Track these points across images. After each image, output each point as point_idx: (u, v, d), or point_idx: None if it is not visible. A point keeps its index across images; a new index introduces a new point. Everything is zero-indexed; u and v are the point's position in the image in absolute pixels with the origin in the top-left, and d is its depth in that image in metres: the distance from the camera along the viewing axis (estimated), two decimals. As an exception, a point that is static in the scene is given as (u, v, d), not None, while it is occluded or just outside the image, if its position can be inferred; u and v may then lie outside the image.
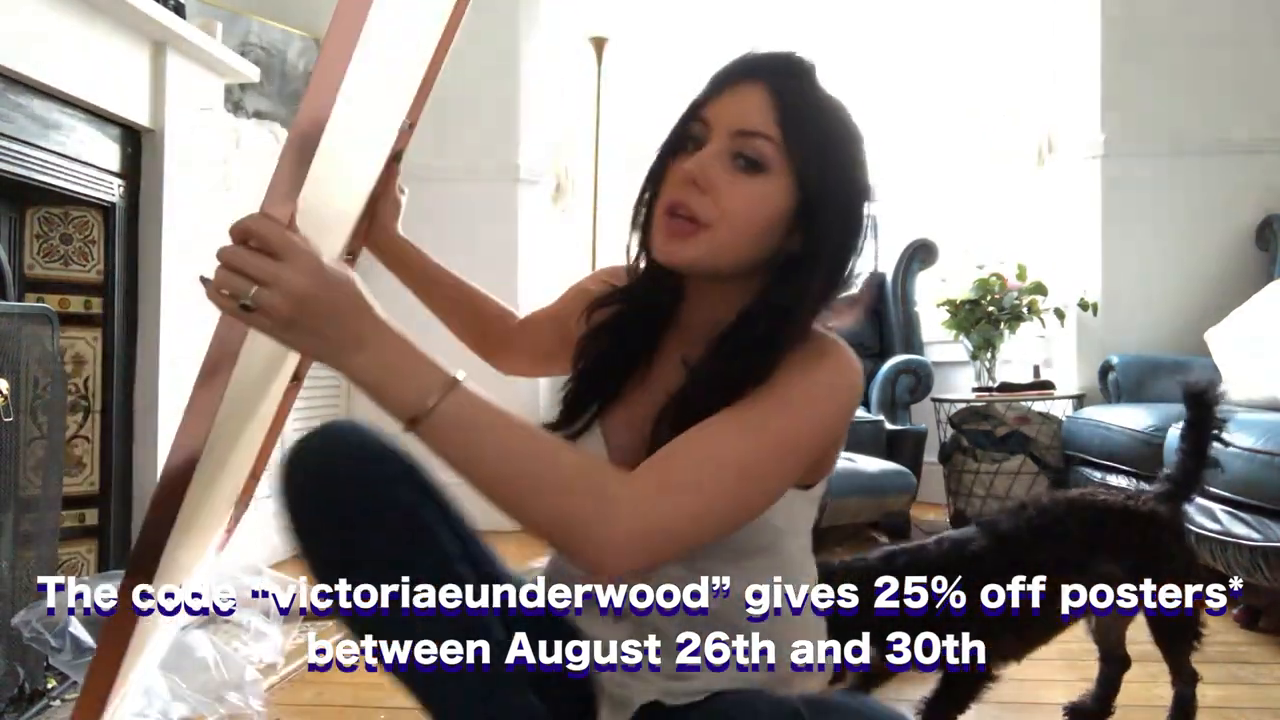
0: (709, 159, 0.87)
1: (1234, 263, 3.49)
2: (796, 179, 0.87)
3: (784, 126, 0.87)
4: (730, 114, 0.88)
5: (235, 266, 0.71)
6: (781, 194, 0.87)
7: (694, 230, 0.87)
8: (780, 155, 0.87)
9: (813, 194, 0.87)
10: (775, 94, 0.88)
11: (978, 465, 3.37)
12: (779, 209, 0.87)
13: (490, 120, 3.74)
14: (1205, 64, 3.52)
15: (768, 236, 0.88)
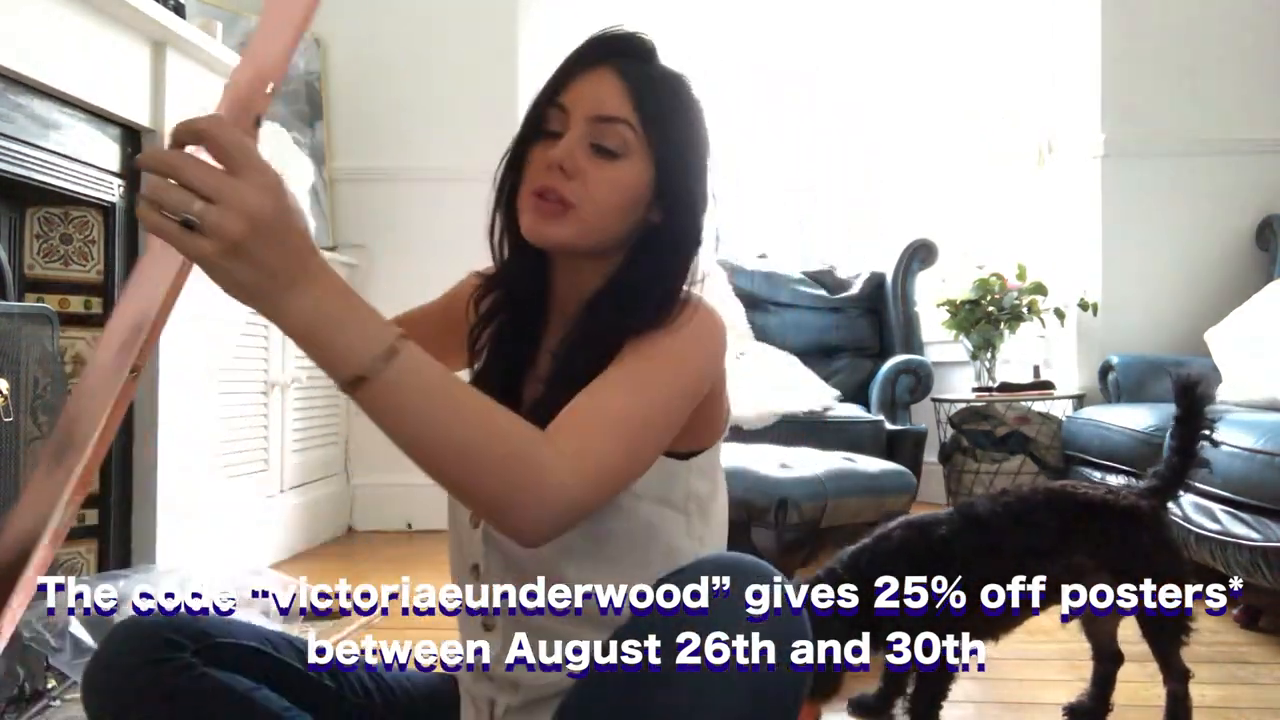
0: (573, 145, 0.90)
1: (1234, 263, 3.49)
2: (653, 159, 0.92)
3: (639, 110, 0.91)
4: (587, 100, 0.92)
5: (183, 178, 0.61)
6: (640, 174, 0.92)
7: (563, 211, 0.90)
8: (637, 138, 0.91)
9: (668, 171, 0.92)
10: (626, 77, 0.92)
11: (978, 465, 3.37)
12: (639, 188, 0.92)
13: (490, 120, 3.74)
14: (1205, 64, 3.52)
15: (630, 214, 0.92)
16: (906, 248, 3.88)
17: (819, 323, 3.94)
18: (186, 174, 0.61)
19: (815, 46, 4.37)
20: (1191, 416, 1.58)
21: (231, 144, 0.62)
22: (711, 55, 4.36)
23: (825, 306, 3.98)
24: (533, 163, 0.92)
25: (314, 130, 3.68)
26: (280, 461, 3.07)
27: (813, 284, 4.04)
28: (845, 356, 3.90)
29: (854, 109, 4.38)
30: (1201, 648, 1.83)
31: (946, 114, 4.25)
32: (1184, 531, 2.31)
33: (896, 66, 4.29)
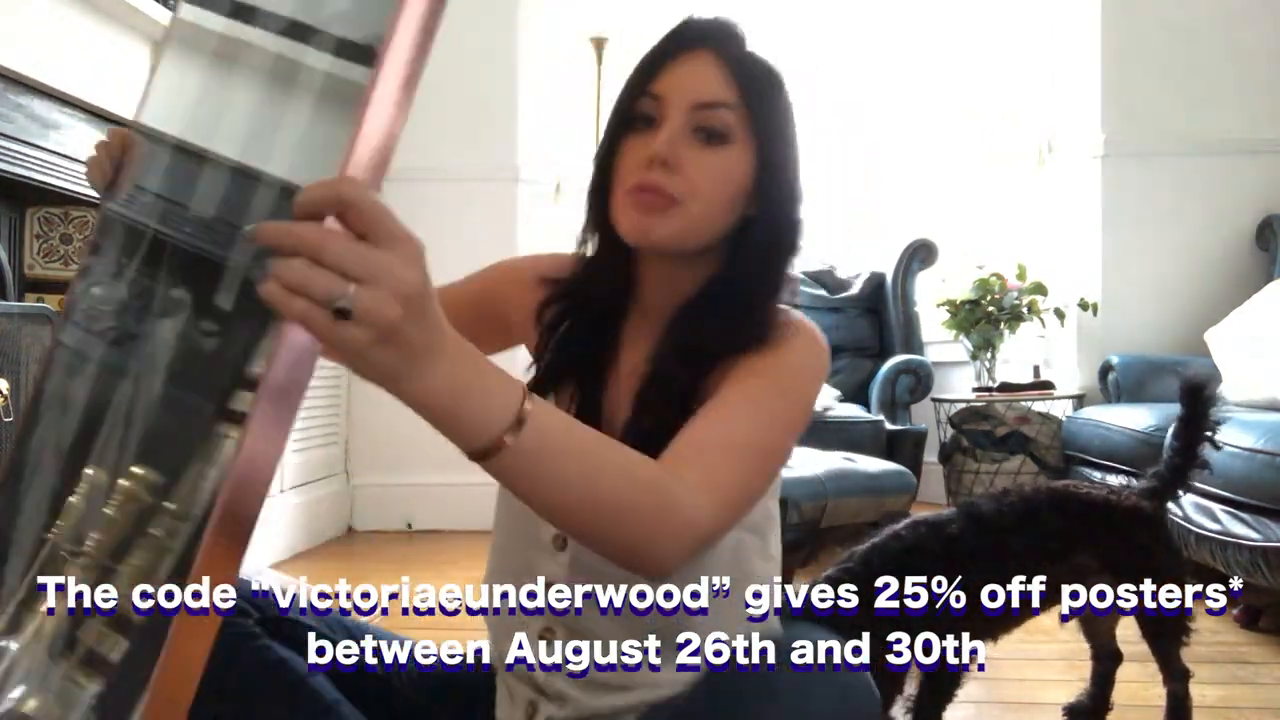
0: (675, 136, 0.85)
1: (1234, 263, 3.49)
2: (755, 145, 0.87)
3: (744, 93, 0.86)
4: (685, 86, 0.86)
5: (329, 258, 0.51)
6: (745, 163, 0.87)
7: (667, 205, 0.85)
8: (741, 124, 0.86)
9: (768, 159, 0.87)
10: (727, 61, 0.87)
11: (978, 465, 3.37)
12: (744, 178, 0.87)
13: (490, 120, 3.74)
14: (1205, 64, 3.52)
15: (736, 206, 0.88)
16: (906, 248, 3.88)
17: (819, 323, 3.90)
18: (332, 253, 0.51)
19: (815, 46, 4.37)
20: (1196, 418, 1.58)
21: (376, 211, 0.54)
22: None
23: (825, 306, 3.98)
24: (626, 157, 0.87)
25: (314, 130, 3.68)
26: (280, 461, 3.06)
27: (813, 284, 4.04)
28: (845, 356, 3.90)
29: (854, 109, 4.38)
30: (1201, 648, 1.82)
31: (946, 114, 4.25)
32: (1184, 531, 2.31)
33: (896, 66, 4.29)
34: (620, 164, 0.87)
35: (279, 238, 0.51)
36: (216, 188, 0.70)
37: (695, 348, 0.86)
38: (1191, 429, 1.58)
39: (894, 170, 4.34)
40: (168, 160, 0.78)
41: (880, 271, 4.00)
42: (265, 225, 0.52)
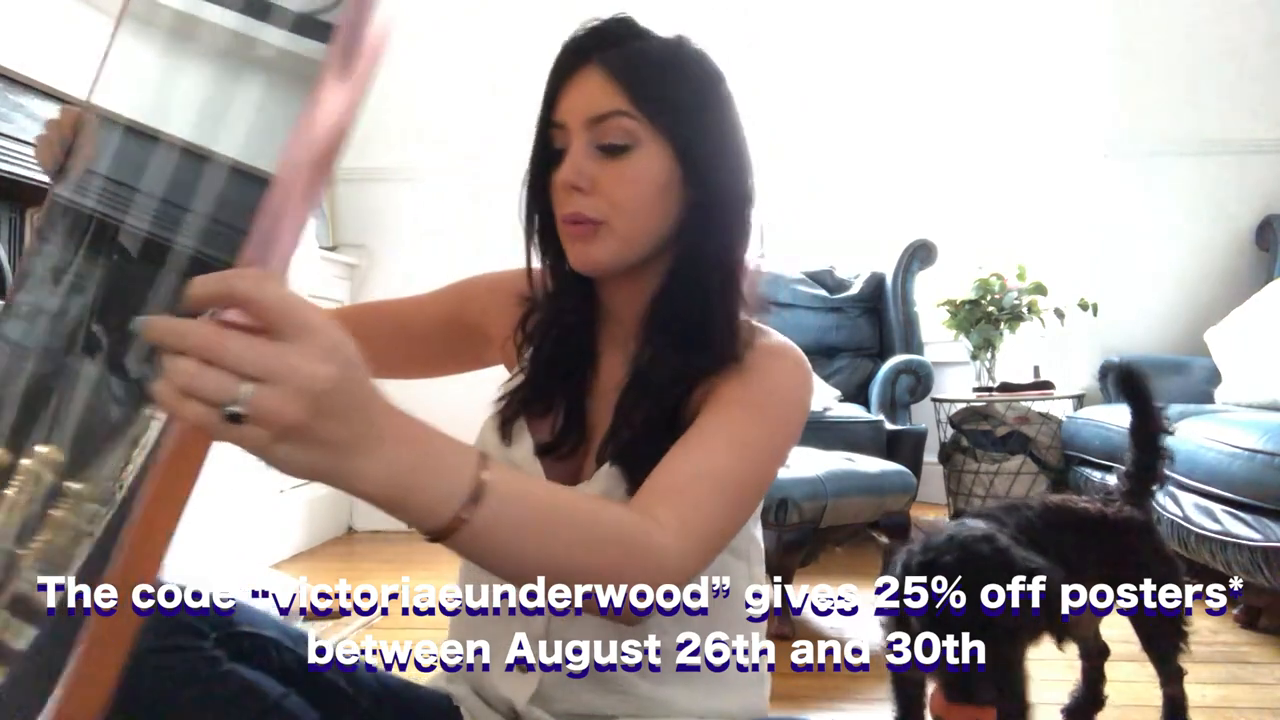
0: (579, 159, 0.85)
1: (1234, 263, 3.49)
2: (666, 139, 0.85)
3: (632, 94, 0.84)
4: (577, 106, 0.86)
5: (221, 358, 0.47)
6: (657, 158, 0.85)
7: (594, 230, 0.85)
8: (640, 125, 0.84)
9: (686, 147, 0.86)
10: (609, 67, 0.85)
11: (978, 465, 3.37)
12: (662, 176, 0.86)
13: (490, 120, 3.74)
14: (1205, 64, 3.52)
15: (663, 205, 0.86)
16: (906, 248, 3.88)
17: (819, 323, 3.94)
18: (225, 353, 0.47)
19: (815, 47, 4.37)
20: (1141, 408, 1.53)
21: (277, 303, 0.48)
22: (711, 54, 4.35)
23: (825, 306, 3.98)
24: (554, 190, 0.88)
25: (314, 130, 3.68)
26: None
27: (813, 284, 4.04)
28: (845, 356, 3.90)
29: (854, 109, 4.38)
30: (1201, 648, 1.83)
31: (947, 114, 4.25)
32: (1184, 531, 2.31)
33: (897, 66, 4.29)
34: (553, 196, 0.88)
35: (165, 336, 0.47)
36: (166, 170, 0.68)
37: (664, 360, 0.86)
38: (1142, 420, 1.54)
39: (894, 170, 4.34)
40: (118, 142, 0.75)
41: (880, 271, 4.00)
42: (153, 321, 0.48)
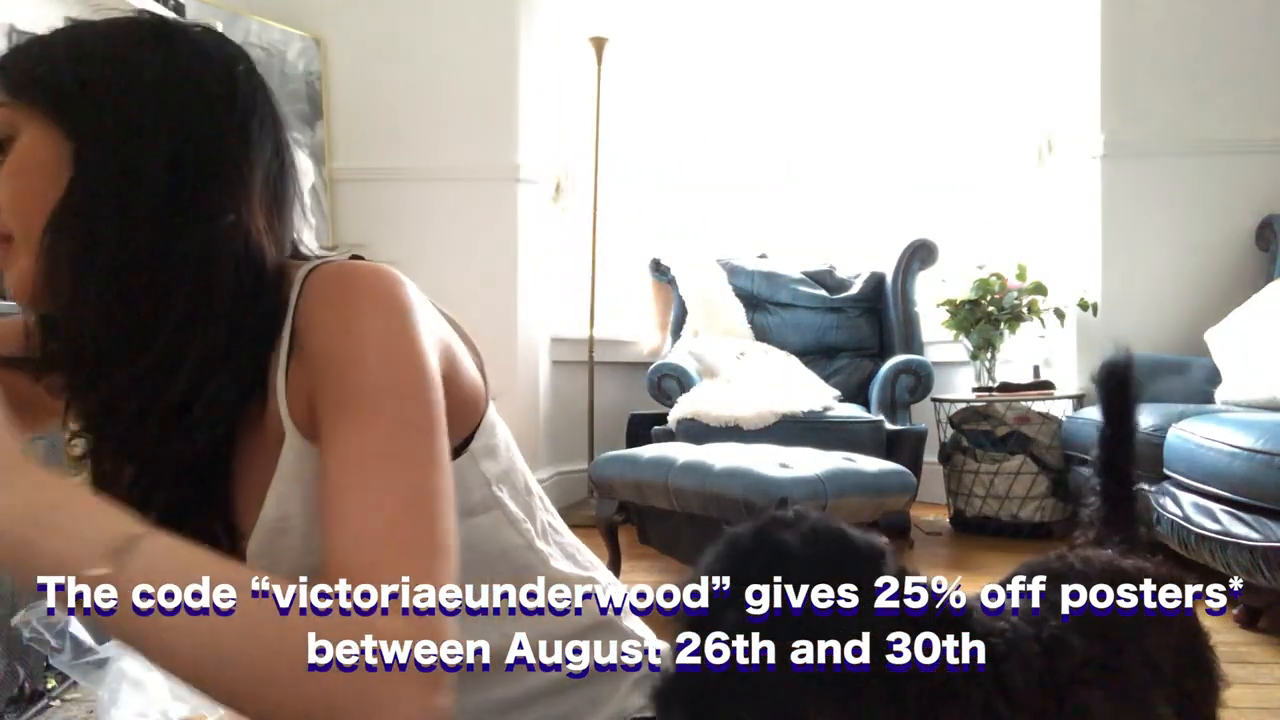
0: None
1: (1234, 263, 3.49)
2: (43, 115, 0.69)
3: (2, 82, 0.71)
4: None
5: None
6: (40, 142, 0.69)
7: (8, 249, 0.71)
8: (13, 110, 0.70)
9: (66, 115, 0.69)
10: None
11: (978, 465, 3.37)
12: (43, 154, 0.69)
13: (490, 120, 3.74)
14: (1205, 64, 3.52)
15: (55, 192, 0.69)
16: (906, 248, 3.88)
17: (819, 323, 3.94)
18: None
19: (815, 47, 4.37)
20: (1128, 408, 1.06)
21: None
22: (712, 54, 4.36)
23: (825, 306, 3.98)
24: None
25: (314, 130, 3.68)
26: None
27: (813, 284, 4.04)
28: (845, 356, 3.90)
29: (854, 108, 4.38)
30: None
31: (947, 114, 4.25)
32: (1184, 531, 2.31)
33: (897, 66, 4.29)
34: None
35: None
36: None
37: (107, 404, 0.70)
38: (1120, 425, 1.06)
39: (894, 170, 4.34)
40: None
41: (880, 271, 4.00)
42: None
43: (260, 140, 0.74)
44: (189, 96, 0.71)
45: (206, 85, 0.72)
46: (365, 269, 0.69)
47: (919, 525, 3.45)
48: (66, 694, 1.68)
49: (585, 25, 3.94)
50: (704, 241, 4.34)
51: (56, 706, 1.65)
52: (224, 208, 0.70)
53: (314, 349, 0.67)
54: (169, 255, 0.68)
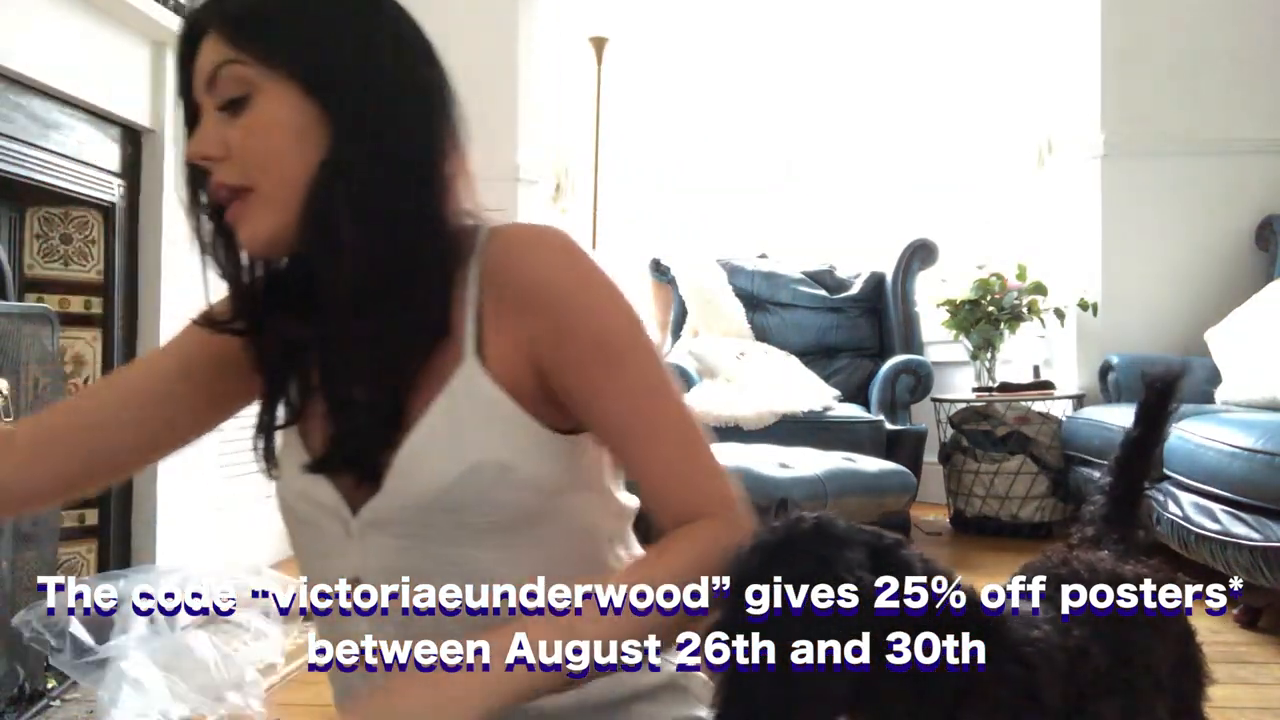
0: (205, 129, 0.75)
1: (1234, 263, 3.49)
2: (286, 76, 0.74)
3: (236, 41, 0.74)
4: (198, 78, 0.76)
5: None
6: (283, 101, 0.74)
7: (245, 202, 0.75)
8: (254, 69, 0.74)
9: (313, 77, 0.74)
10: (216, 25, 0.75)
11: (978, 465, 3.37)
12: (293, 117, 0.74)
13: (490, 120, 3.73)
14: (1205, 64, 3.52)
15: (302, 153, 0.74)
16: (906, 248, 3.88)
17: (819, 323, 3.94)
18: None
19: (816, 46, 4.37)
20: (1162, 420, 1.08)
21: None
22: (712, 54, 4.36)
23: (825, 306, 3.98)
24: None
25: (314, 130, 3.68)
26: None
27: (813, 284, 4.04)
28: (845, 356, 3.90)
29: (855, 108, 4.38)
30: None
31: (947, 114, 4.25)
32: (1184, 531, 2.31)
33: (897, 66, 4.29)
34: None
35: None
36: None
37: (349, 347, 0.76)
38: (1151, 433, 1.07)
39: (894, 170, 4.34)
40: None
41: (880, 271, 4.00)
42: None
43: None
44: (417, 55, 0.79)
45: (421, 44, 0.80)
46: (564, 234, 0.79)
47: (919, 525, 3.45)
48: (66, 694, 1.68)
49: (585, 25, 3.94)
50: (704, 241, 4.34)
51: (56, 706, 1.65)
52: (451, 159, 0.79)
53: (549, 303, 0.76)
54: (423, 206, 0.76)
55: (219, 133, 0.75)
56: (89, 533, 2.15)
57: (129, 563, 2.21)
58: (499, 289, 0.77)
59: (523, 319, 0.76)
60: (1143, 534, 1.04)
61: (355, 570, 0.78)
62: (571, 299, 0.76)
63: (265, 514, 3.16)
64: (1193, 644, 0.91)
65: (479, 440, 0.75)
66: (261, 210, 0.75)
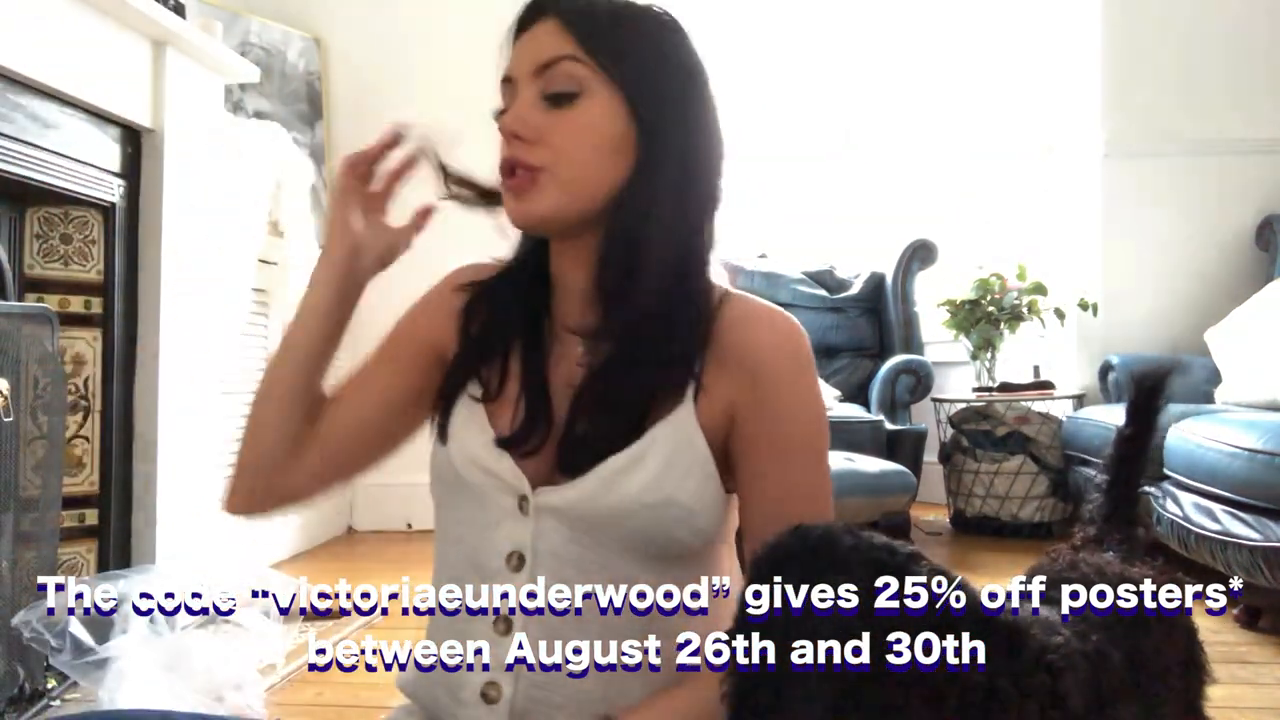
0: (523, 108, 0.81)
1: (1234, 263, 3.49)
2: (618, 89, 0.80)
3: (583, 41, 0.80)
4: (526, 57, 0.82)
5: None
6: (608, 111, 0.80)
7: (533, 179, 0.80)
8: (591, 72, 0.80)
9: (640, 99, 0.80)
10: (565, 18, 0.81)
11: (978, 465, 3.37)
12: (613, 128, 0.80)
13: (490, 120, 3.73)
14: (1205, 64, 3.52)
15: (612, 157, 0.81)
16: (906, 248, 3.88)
17: (819, 323, 3.94)
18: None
19: (816, 46, 4.37)
20: (1152, 419, 1.09)
21: None
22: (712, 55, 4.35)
23: (825, 306, 3.98)
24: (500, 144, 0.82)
25: (314, 130, 3.68)
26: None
27: (813, 284, 4.04)
28: (845, 356, 3.90)
29: (854, 108, 4.38)
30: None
31: (947, 113, 4.25)
32: (1184, 531, 2.31)
33: (897, 66, 4.28)
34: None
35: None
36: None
37: (621, 368, 0.81)
38: (1142, 431, 1.09)
39: (894, 170, 4.34)
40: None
41: (880, 271, 4.00)
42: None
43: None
44: (715, 104, 0.86)
45: (709, 85, 0.86)
46: (795, 325, 0.86)
47: (919, 525, 3.45)
48: (66, 694, 1.68)
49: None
50: (704, 241, 4.34)
51: (56, 706, 1.65)
52: (718, 209, 0.85)
53: (765, 377, 0.82)
54: (706, 247, 0.84)
55: (535, 118, 0.80)
56: (89, 533, 2.15)
57: (129, 563, 2.21)
58: (724, 348, 0.82)
59: (736, 381, 0.82)
60: (1143, 532, 1.07)
61: (519, 546, 0.82)
62: (783, 381, 0.83)
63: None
64: (1196, 643, 0.93)
65: (677, 481, 0.80)
66: (548, 191, 0.80)
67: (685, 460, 0.81)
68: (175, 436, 2.33)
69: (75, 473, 2.12)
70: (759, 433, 0.82)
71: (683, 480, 0.81)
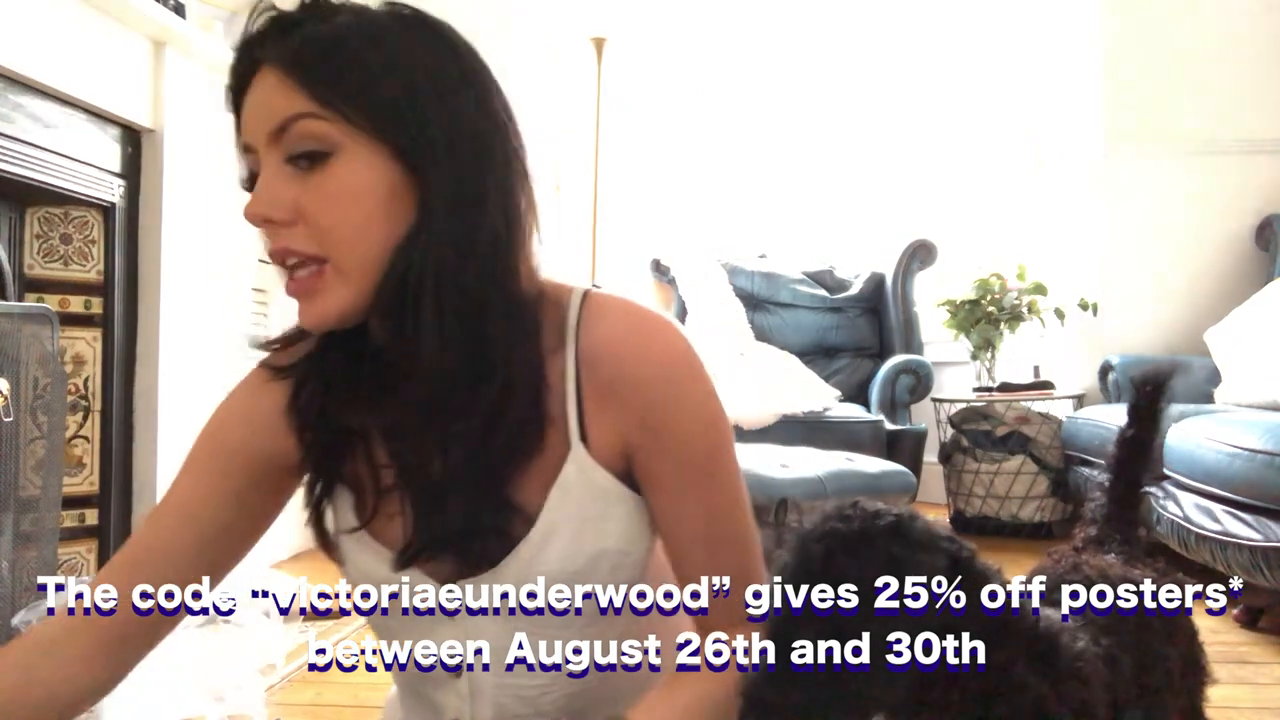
0: (270, 182, 0.67)
1: (1234, 263, 3.49)
2: (372, 136, 0.67)
3: (315, 93, 0.66)
4: (257, 120, 0.68)
5: None
6: (367, 164, 0.67)
7: (317, 276, 0.68)
8: (334, 124, 0.66)
9: (402, 139, 0.67)
10: (283, 62, 0.67)
11: (978, 465, 3.37)
12: (379, 182, 0.67)
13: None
14: (1206, 64, 3.52)
15: (388, 221, 0.68)
16: (906, 248, 3.88)
17: (819, 323, 3.94)
18: None
19: (816, 46, 4.37)
20: (1156, 417, 1.07)
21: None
22: (713, 55, 4.36)
23: (825, 306, 3.98)
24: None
25: (314, 130, 3.68)
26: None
27: (813, 284, 4.04)
28: (845, 356, 3.90)
29: (854, 108, 4.38)
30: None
31: (947, 113, 4.25)
32: (1184, 531, 2.31)
33: (897, 66, 4.28)
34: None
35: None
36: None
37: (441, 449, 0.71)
38: (1146, 431, 1.07)
39: (894, 170, 4.34)
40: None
41: (880, 271, 4.00)
42: None
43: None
44: (478, 84, 0.73)
45: (494, 86, 0.75)
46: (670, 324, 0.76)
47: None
48: (66, 694, 1.68)
49: (585, 25, 3.94)
50: (704, 241, 4.34)
51: (56, 706, 1.64)
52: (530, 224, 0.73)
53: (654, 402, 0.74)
54: (508, 280, 0.70)
55: (288, 192, 0.67)
56: (89, 533, 2.15)
57: (129, 563, 2.21)
58: (599, 374, 0.74)
59: (625, 410, 0.74)
60: (1144, 533, 1.06)
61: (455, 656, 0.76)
62: (676, 404, 0.74)
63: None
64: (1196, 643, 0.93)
65: (600, 530, 0.75)
66: (337, 287, 0.68)
67: (598, 507, 0.75)
68: (176, 436, 2.33)
69: (75, 473, 2.12)
70: (661, 471, 0.76)
71: (602, 527, 0.76)
